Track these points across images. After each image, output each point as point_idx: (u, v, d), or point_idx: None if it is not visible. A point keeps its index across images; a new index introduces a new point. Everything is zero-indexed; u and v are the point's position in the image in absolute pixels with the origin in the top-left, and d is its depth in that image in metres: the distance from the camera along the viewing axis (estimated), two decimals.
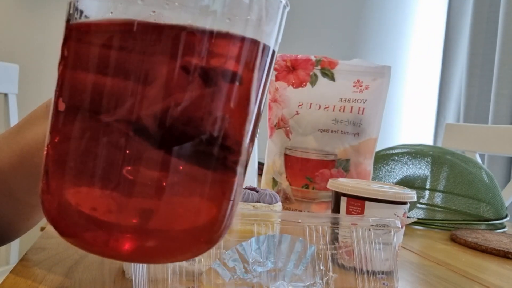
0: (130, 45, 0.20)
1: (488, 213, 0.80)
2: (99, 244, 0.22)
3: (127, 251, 0.21)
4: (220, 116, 0.21)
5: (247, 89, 0.22)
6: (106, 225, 0.21)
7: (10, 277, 0.36)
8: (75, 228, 0.22)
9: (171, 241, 0.22)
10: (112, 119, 0.20)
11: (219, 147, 0.22)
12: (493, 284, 0.49)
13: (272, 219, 0.37)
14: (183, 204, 0.21)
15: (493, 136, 1.33)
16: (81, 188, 0.21)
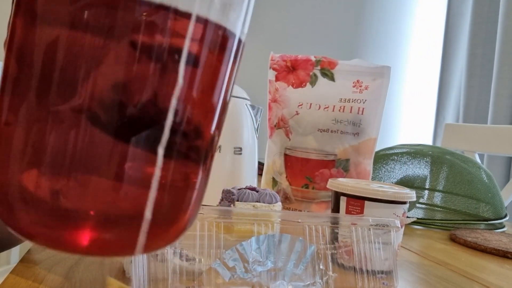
0: (77, 21, 0.19)
1: (488, 213, 0.80)
2: (56, 240, 0.20)
3: (77, 244, 0.20)
4: (175, 100, 0.20)
5: (206, 73, 0.21)
6: (55, 215, 0.19)
7: (10, 277, 0.36)
8: (20, 220, 0.20)
9: (130, 232, 0.20)
10: (58, 101, 0.19)
11: (172, 132, 0.20)
12: (493, 283, 0.49)
13: (272, 219, 0.37)
14: (139, 194, 0.20)
15: (492, 136, 1.33)
16: (27, 173, 0.20)
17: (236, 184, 0.64)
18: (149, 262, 0.33)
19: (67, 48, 0.19)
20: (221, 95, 0.22)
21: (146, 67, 0.19)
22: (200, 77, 0.21)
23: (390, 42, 2.19)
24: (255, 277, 0.33)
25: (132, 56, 0.19)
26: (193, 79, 0.21)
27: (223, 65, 0.22)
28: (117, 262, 0.41)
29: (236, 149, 0.64)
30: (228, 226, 0.36)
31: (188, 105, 0.21)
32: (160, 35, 0.19)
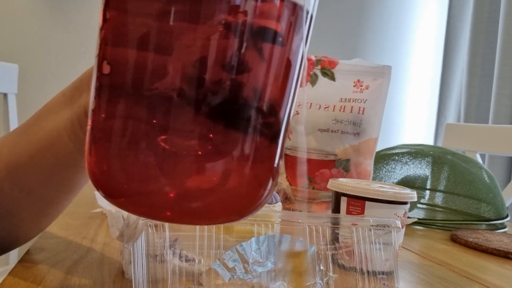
0: (170, 6, 0.20)
1: (489, 213, 0.80)
2: (145, 205, 0.22)
3: (170, 213, 0.22)
4: (263, 78, 0.21)
5: (287, 51, 0.22)
6: (152, 187, 0.21)
7: (9, 278, 0.36)
8: (122, 191, 0.22)
9: (212, 204, 0.22)
10: (155, 83, 0.21)
11: (259, 111, 0.22)
12: (494, 284, 0.48)
13: (272, 219, 0.37)
14: (224, 169, 0.22)
15: (493, 136, 1.33)
16: (127, 152, 0.21)
17: None
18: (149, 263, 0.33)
19: (158, 34, 0.21)
20: (297, 72, 0.23)
21: (231, 46, 0.21)
22: (279, 55, 0.22)
23: (391, 41, 2.18)
24: (255, 278, 0.33)
25: (218, 36, 0.20)
26: (274, 57, 0.22)
27: (299, 42, 0.23)
28: (117, 263, 0.41)
29: None
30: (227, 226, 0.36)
31: (268, 83, 0.22)
32: (243, 14, 0.21)
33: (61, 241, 0.46)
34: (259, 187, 0.23)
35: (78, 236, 0.48)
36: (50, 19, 1.82)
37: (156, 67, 0.21)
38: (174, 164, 0.21)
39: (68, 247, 0.44)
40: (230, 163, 0.22)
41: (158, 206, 0.22)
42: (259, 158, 0.22)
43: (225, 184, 0.22)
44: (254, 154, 0.22)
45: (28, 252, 0.42)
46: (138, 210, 0.22)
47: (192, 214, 0.22)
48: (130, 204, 0.22)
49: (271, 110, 0.22)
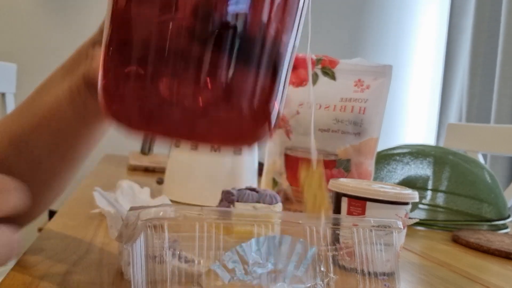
0: None
1: (490, 214, 0.80)
2: (153, 121, 0.24)
3: (185, 128, 0.24)
4: (268, 11, 0.23)
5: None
6: (166, 102, 0.24)
7: (7, 278, 0.36)
8: (133, 108, 0.24)
9: (225, 121, 0.24)
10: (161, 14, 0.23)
11: (262, 43, 0.23)
12: (495, 285, 0.48)
13: (272, 220, 0.37)
14: (235, 87, 0.24)
15: (495, 136, 1.32)
16: (143, 68, 0.23)
17: (236, 184, 0.63)
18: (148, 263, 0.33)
19: None
20: (300, 13, 0.25)
21: None
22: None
23: (392, 41, 2.18)
24: (255, 279, 0.33)
25: None
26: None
27: None
28: (116, 264, 0.41)
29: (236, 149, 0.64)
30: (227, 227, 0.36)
31: (270, 17, 0.24)
32: None
33: (59, 241, 0.46)
34: (260, 115, 0.25)
35: (76, 237, 0.48)
36: (48, 19, 1.82)
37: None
38: (181, 85, 0.23)
39: (67, 247, 0.44)
40: (235, 90, 0.24)
41: (165, 122, 0.24)
42: (262, 88, 0.24)
43: (227, 107, 0.24)
44: (257, 83, 0.24)
45: (27, 252, 0.42)
46: (148, 126, 0.25)
47: (194, 132, 0.24)
48: (139, 121, 0.24)
49: (275, 44, 0.24)
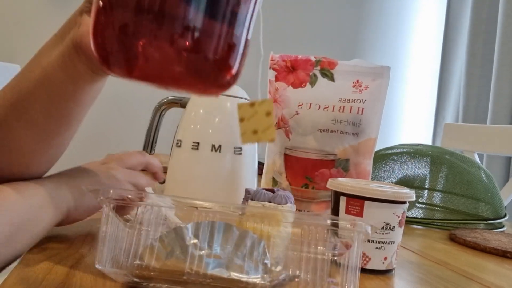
0: None
1: (487, 213, 0.80)
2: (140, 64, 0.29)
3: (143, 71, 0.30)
4: None
5: None
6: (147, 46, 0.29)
7: (10, 277, 0.36)
8: (121, 53, 0.29)
9: (192, 66, 0.29)
10: None
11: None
12: (492, 283, 0.49)
13: (265, 217, 0.37)
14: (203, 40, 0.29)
15: (491, 136, 1.33)
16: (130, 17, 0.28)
17: (236, 184, 0.64)
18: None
19: None
20: None
21: None
22: None
23: (390, 42, 2.19)
24: (192, 259, 0.34)
25: None
26: None
27: None
28: None
29: (236, 149, 0.64)
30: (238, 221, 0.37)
31: None
32: None
33: (62, 240, 0.47)
34: (222, 63, 0.30)
35: (79, 236, 0.49)
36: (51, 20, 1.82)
37: None
38: (154, 27, 0.28)
39: (70, 246, 0.44)
40: (200, 39, 0.29)
41: (135, 64, 0.29)
42: (225, 37, 0.30)
43: (194, 53, 0.29)
44: (220, 32, 0.29)
45: (29, 251, 0.42)
46: (130, 71, 0.30)
47: (167, 76, 0.30)
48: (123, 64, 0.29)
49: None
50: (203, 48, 0.29)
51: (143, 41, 0.28)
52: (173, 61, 0.29)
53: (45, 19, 1.81)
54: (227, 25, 0.29)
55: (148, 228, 0.36)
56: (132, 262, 0.35)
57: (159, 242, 0.35)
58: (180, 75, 0.29)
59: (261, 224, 0.37)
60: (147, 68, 0.29)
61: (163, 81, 0.30)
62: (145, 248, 0.35)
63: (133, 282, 0.35)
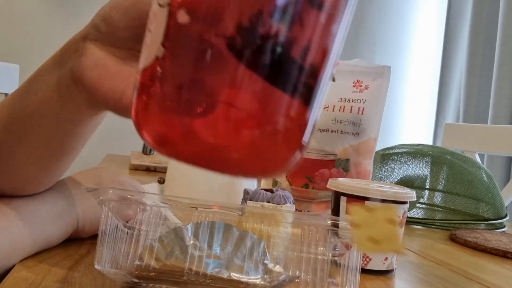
0: None
1: (488, 213, 0.80)
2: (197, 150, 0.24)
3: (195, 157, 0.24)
4: (309, 37, 0.23)
5: (338, 15, 0.24)
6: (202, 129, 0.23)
7: (10, 278, 0.36)
8: (169, 136, 0.24)
9: (249, 153, 0.23)
10: (215, 30, 0.22)
11: (301, 69, 0.23)
12: (493, 283, 0.49)
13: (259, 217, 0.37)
14: (257, 122, 0.23)
15: (492, 136, 1.33)
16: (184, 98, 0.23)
17: (235, 184, 0.64)
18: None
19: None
20: (341, 39, 0.24)
21: (277, 4, 0.22)
22: (324, 19, 0.23)
23: (390, 42, 2.18)
24: (192, 259, 0.34)
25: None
26: (318, 20, 0.23)
27: (343, 8, 0.24)
28: None
29: None
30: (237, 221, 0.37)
31: (310, 43, 0.23)
32: None
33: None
34: (289, 146, 0.25)
35: None
36: (52, 20, 1.82)
37: (219, 14, 0.22)
38: (215, 112, 0.22)
39: (69, 246, 0.44)
40: (265, 118, 0.23)
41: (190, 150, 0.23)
42: (294, 118, 0.24)
43: (255, 136, 0.23)
44: (289, 113, 0.23)
45: None
46: (183, 155, 0.24)
47: (213, 161, 0.24)
48: (176, 150, 0.24)
49: (312, 71, 0.23)
50: (267, 124, 0.23)
51: (208, 121, 0.23)
52: (247, 145, 0.23)
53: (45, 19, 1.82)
54: (300, 94, 0.24)
55: (148, 228, 0.36)
56: (132, 262, 0.35)
57: (158, 242, 0.35)
58: (234, 157, 0.23)
59: (261, 224, 0.37)
60: (207, 152, 0.23)
61: (214, 165, 0.25)
62: (144, 248, 0.35)
63: (133, 283, 0.35)
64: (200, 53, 0.22)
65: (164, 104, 0.23)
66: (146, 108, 0.24)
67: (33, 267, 0.39)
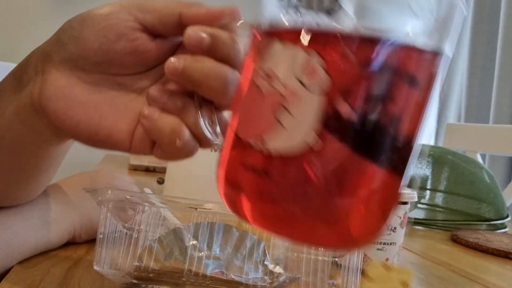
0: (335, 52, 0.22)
1: (489, 213, 0.80)
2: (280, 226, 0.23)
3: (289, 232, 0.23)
4: (401, 114, 0.23)
5: (427, 89, 0.24)
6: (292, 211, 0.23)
7: (8, 279, 0.36)
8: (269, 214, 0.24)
9: (333, 230, 0.23)
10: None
11: (395, 145, 0.23)
12: (494, 284, 0.48)
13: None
14: (349, 196, 0.22)
15: (494, 136, 1.32)
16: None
17: None
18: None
19: None
20: (427, 110, 0.24)
21: (376, 82, 0.22)
22: (420, 92, 0.23)
23: None
24: (191, 260, 0.34)
25: (366, 72, 0.22)
26: (412, 97, 0.23)
27: (436, 83, 0.24)
28: None
29: None
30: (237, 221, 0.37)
31: (405, 120, 0.23)
32: (398, 62, 0.22)
33: None
34: (380, 220, 0.24)
35: None
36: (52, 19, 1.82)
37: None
38: (308, 187, 0.22)
39: (67, 247, 0.44)
40: (359, 193, 0.23)
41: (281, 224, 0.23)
42: (388, 191, 0.23)
43: (349, 212, 0.22)
44: (384, 187, 0.23)
45: None
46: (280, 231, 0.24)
47: (306, 234, 0.23)
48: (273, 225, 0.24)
49: (408, 143, 0.23)
50: (357, 197, 0.23)
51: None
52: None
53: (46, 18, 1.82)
54: (391, 168, 0.23)
55: (147, 229, 0.36)
56: (131, 263, 0.34)
57: (158, 243, 0.35)
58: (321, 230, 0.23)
59: None
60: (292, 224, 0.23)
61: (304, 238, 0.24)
62: (143, 249, 0.35)
63: (132, 284, 0.35)
64: (364, 143, 0.22)
65: (321, 191, 0.22)
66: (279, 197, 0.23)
67: (31, 268, 0.38)
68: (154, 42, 0.30)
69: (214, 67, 0.28)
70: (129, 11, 0.29)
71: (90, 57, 0.29)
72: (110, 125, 0.30)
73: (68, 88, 0.29)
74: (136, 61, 0.30)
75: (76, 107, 0.29)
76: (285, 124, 0.22)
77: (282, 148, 0.22)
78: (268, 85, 0.23)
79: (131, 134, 0.30)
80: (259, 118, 0.23)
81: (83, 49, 0.29)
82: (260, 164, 0.23)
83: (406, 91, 0.22)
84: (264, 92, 0.23)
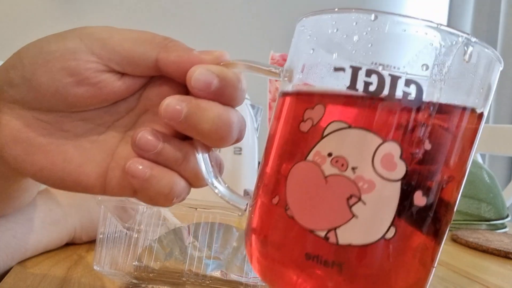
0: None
1: (489, 213, 0.80)
2: None
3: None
4: (443, 178, 0.22)
5: (464, 152, 0.23)
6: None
7: (8, 279, 0.36)
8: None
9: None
10: None
11: (437, 211, 0.22)
12: (494, 284, 0.48)
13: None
14: (393, 265, 0.22)
15: (494, 136, 1.32)
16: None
17: (235, 184, 0.64)
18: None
19: None
20: (467, 168, 0.24)
21: (420, 139, 0.21)
22: (459, 155, 0.22)
23: None
24: (191, 260, 0.34)
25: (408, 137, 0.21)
26: (455, 158, 0.22)
27: (472, 142, 0.24)
28: None
29: (236, 149, 0.64)
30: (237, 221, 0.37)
31: (445, 182, 0.22)
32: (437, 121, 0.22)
33: None
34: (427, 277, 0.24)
35: None
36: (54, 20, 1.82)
37: None
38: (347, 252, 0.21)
39: (68, 247, 0.44)
40: (426, 268, 0.23)
41: None
42: (424, 257, 0.23)
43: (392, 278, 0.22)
44: (420, 252, 0.23)
45: None
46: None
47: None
48: None
49: (452, 207, 0.23)
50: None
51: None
52: None
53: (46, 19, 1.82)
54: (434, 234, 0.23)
55: (147, 229, 0.36)
56: (131, 263, 0.34)
57: (158, 243, 0.35)
58: None
59: None
60: None
61: None
62: (143, 249, 0.35)
63: (132, 284, 0.35)
64: (433, 224, 0.22)
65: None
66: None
67: (31, 268, 0.38)
68: (122, 80, 0.26)
69: (221, 114, 0.24)
70: (91, 49, 0.25)
71: (46, 100, 0.25)
72: (76, 170, 0.26)
73: (24, 132, 0.25)
74: (101, 101, 0.26)
75: (36, 152, 0.26)
76: (361, 217, 0.21)
77: (357, 241, 0.21)
78: (339, 172, 0.21)
79: (103, 177, 0.26)
80: (330, 209, 0.21)
81: (37, 92, 0.25)
82: (332, 256, 0.21)
83: (467, 161, 0.23)
84: (335, 179, 0.21)
